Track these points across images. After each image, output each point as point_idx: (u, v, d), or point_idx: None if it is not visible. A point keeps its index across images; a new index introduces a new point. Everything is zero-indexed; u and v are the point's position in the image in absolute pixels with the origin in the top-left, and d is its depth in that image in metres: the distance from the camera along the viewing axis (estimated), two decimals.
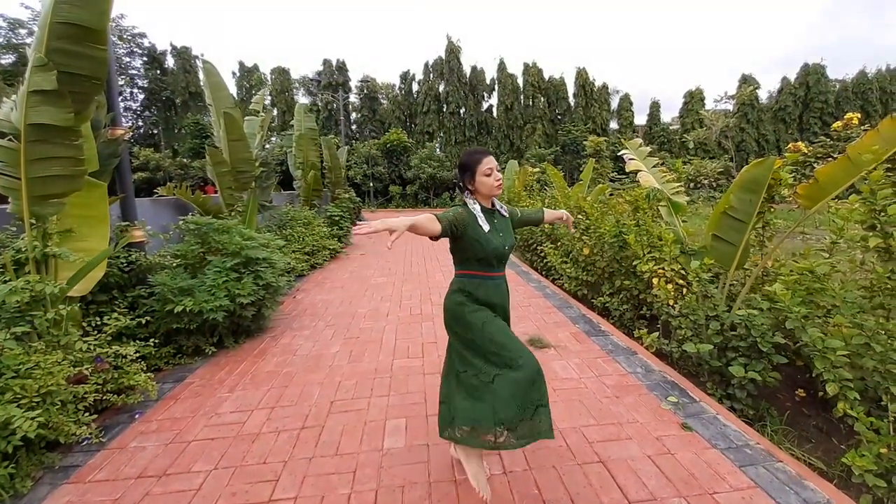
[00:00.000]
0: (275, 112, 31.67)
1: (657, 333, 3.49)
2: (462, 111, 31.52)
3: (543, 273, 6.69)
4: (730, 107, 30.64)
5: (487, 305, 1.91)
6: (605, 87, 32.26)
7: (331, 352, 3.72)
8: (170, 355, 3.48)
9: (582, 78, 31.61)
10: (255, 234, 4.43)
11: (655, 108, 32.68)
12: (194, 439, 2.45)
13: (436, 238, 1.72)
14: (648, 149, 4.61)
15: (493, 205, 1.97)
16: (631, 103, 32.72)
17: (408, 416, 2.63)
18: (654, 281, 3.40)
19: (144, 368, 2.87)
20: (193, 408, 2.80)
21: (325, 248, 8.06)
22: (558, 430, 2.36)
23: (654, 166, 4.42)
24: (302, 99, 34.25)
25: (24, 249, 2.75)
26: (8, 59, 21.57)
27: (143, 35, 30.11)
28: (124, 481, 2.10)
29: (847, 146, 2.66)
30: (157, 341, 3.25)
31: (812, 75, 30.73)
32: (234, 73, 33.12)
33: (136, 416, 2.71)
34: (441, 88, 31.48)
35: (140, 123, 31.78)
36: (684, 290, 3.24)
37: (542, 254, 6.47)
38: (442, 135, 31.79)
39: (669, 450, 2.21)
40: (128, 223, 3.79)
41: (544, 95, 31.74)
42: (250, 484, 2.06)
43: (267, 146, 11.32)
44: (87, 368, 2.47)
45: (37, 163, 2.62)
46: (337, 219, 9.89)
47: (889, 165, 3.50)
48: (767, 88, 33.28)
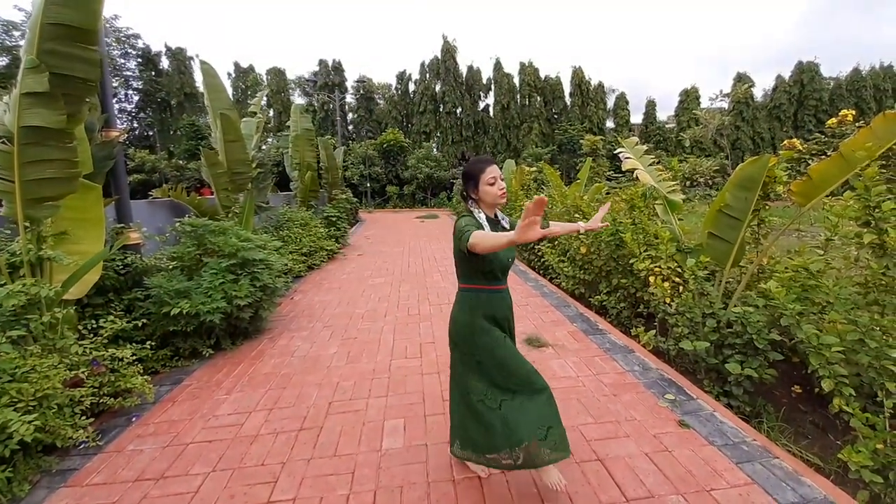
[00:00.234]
0: (271, 113, 31.56)
1: (654, 331, 3.50)
2: (459, 111, 31.47)
3: (541, 272, 6.70)
4: (725, 105, 30.74)
5: (496, 320, 1.88)
6: (600, 85, 32.29)
7: (329, 353, 3.72)
8: (167, 358, 3.46)
9: (578, 77, 31.62)
10: (252, 235, 4.42)
11: (651, 106, 32.74)
12: (192, 442, 2.44)
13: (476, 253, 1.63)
14: (644, 147, 4.62)
15: (496, 216, 1.95)
16: (627, 102, 32.76)
17: (406, 416, 2.63)
18: (651, 279, 3.41)
19: (141, 371, 2.86)
20: (191, 410, 2.79)
21: (323, 249, 8.05)
22: None
23: (651, 165, 4.43)
24: (298, 99, 34.14)
25: (18, 252, 2.73)
26: (2, 62, 21.42)
27: (137, 36, 29.90)
28: (122, 484, 2.09)
29: (841, 143, 2.68)
30: (153, 344, 3.24)
31: (806, 73, 30.87)
32: (229, 74, 32.95)
33: (134, 419, 2.70)
34: (437, 88, 31.42)
35: (135, 125, 31.57)
36: (681, 288, 3.26)
37: (540, 253, 6.48)
38: (439, 135, 31.74)
39: (667, 447, 2.22)
40: (123, 225, 3.77)
41: (541, 95, 31.72)
42: (249, 486, 2.06)
43: (263, 147, 11.29)
44: (83, 372, 2.46)
45: (30, 165, 2.60)
46: (334, 219, 9.87)
47: (883, 162, 3.53)
48: (762, 87, 33.33)
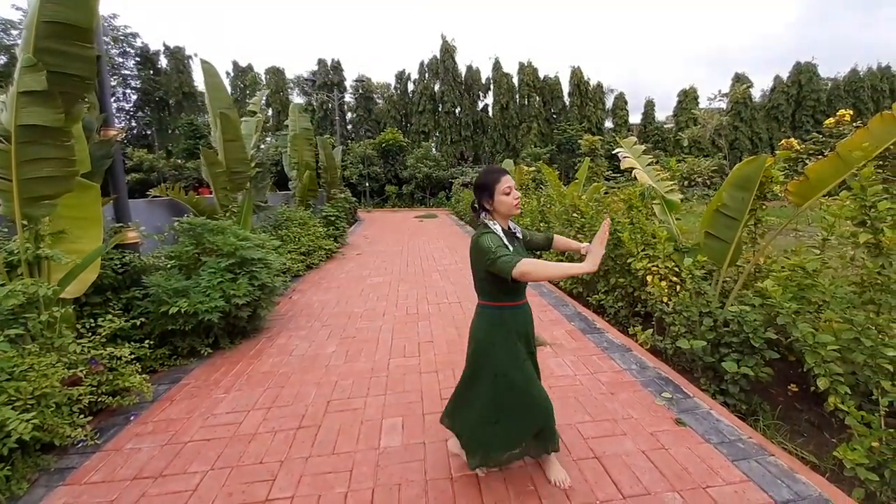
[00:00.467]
0: (269, 112, 31.49)
1: (651, 330, 3.51)
2: (458, 111, 31.47)
3: None
4: (723, 105, 30.81)
5: (517, 335, 1.86)
6: (599, 86, 32.32)
7: (327, 352, 3.72)
8: (165, 357, 3.46)
9: (576, 77, 31.64)
10: (250, 234, 4.42)
11: (650, 106, 32.78)
12: (190, 440, 2.44)
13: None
14: (643, 147, 4.63)
15: (509, 227, 1.91)
16: (625, 102, 32.79)
17: (404, 414, 2.64)
18: (649, 278, 3.43)
19: (139, 370, 2.87)
20: (189, 409, 2.80)
21: (321, 249, 8.05)
22: None
23: (649, 164, 4.44)
24: (297, 99, 34.03)
25: (16, 251, 2.73)
26: (0, 60, 21.36)
27: (135, 35, 29.84)
28: (120, 483, 2.09)
29: (838, 143, 2.69)
30: (151, 343, 3.24)
31: (804, 74, 30.94)
32: (228, 73, 32.85)
33: (132, 417, 2.70)
34: (436, 88, 31.41)
35: (133, 124, 31.49)
36: (678, 287, 3.27)
37: (538, 253, 6.49)
38: (438, 134, 31.73)
39: (663, 445, 2.23)
40: (121, 224, 3.77)
41: (539, 95, 31.74)
42: (247, 484, 2.06)
43: (262, 146, 11.28)
44: (81, 370, 2.46)
45: (28, 164, 2.60)
46: (333, 219, 9.87)
47: (879, 162, 3.54)
48: (760, 87, 33.31)
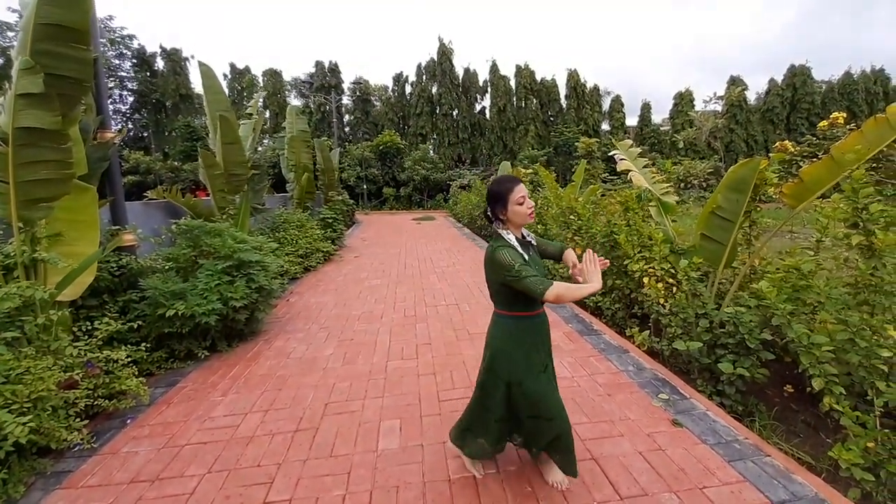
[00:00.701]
0: (267, 114, 31.47)
1: (648, 332, 3.53)
2: (455, 113, 31.56)
3: None
4: (719, 108, 31.04)
5: (534, 345, 1.84)
6: (596, 88, 32.47)
7: (325, 354, 3.72)
8: (162, 359, 3.45)
9: (573, 80, 31.78)
10: (248, 236, 4.42)
11: (646, 109, 32.93)
12: (187, 443, 2.44)
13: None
14: (638, 149, 4.66)
15: (523, 235, 1.89)
16: (622, 105, 32.93)
17: (402, 417, 2.64)
18: (645, 280, 3.44)
19: (136, 373, 2.85)
20: (186, 412, 2.79)
21: (319, 251, 8.04)
22: None
23: (645, 167, 4.47)
24: (294, 101, 34.02)
25: (12, 254, 2.72)
26: None
27: (132, 37, 29.79)
28: (117, 486, 2.08)
29: (832, 146, 2.72)
30: (148, 346, 3.23)
31: (798, 77, 31.19)
32: (225, 76, 32.80)
33: (128, 421, 2.69)
34: (434, 90, 31.49)
35: (130, 126, 31.40)
36: (674, 289, 3.29)
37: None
38: (435, 136, 31.78)
39: (660, 446, 2.24)
40: (118, 227, 3.76)
41: (536, 97, 31.86)
42: (244, 487, 2.06)
43: (259, 148, 11.29)
44: (77, 373, 2.45)
45: (25, 166, 2.60)
46: (330, 221, 9.86)
47: (873, 165, 3.58)
48: (755, 90, 33.56)
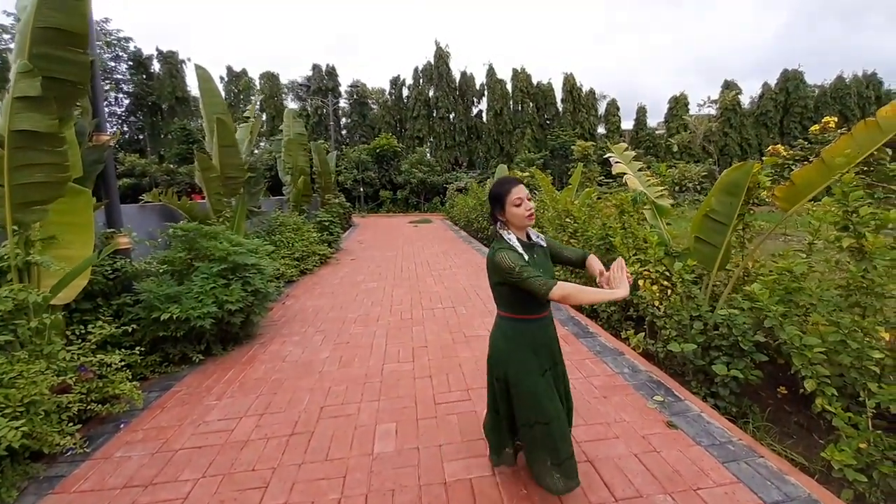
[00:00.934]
0: (263, 117, 31.46)
1: (643, 334, 3.54)
2: (452, 116, 31.68)
3: None
4: (712, 111, 31.33)
5: (535, 349, 1.82)
6: (592, 92, 32.68)
7: (321, 357, 3.71)
8: (156, 363, 3.43)
9: (569, 83, 31.99)
10: (244, 239, 4.41)
11: (642, 112, 33.18)
12: (181, 448, 2.42)
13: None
14: (633, 153, 4.70)
15: (528, 236, 1.87)
16: (618, 108, 33.16)
17: (398, 420, 2.64)
18: (640, 282, 3.46)
19: (130, 377, 2.84)
20: (180, 416, 2.77)
21: (316, 254, 8.03)
22: None
23: (640, 170, 4.50)
24: (291, 104, 34.07)
25: (5, 257, 2.70)
26: None
27: (128, 39, 29.73)
28: (110, 491, 2.07)
29: (822, 150, 2.75)
30: (142, 349, 3.21)
31: (791, 81, 31.57)
32: (222, 78, 32.79)
33: (122, 425, 2.67)
34: (431, 94, 31.62)
35: (125, 129, 31.26)
36: (669, 292, 3.31)
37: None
38: (432, 140, 31.87)
39: (655, 448, 2.25)
40: (113, 230, 3.75)
41: (533, 101, 32.04)
42: (239, 491, 2.05)
43: (255, 151, 11.28)
44: (70, 378, 2.44)
45: (20, 169, 2.59)
46: (327, 224, 9.85)
47: (864, 168, 3.62)
48: (749, 94, 33.91)
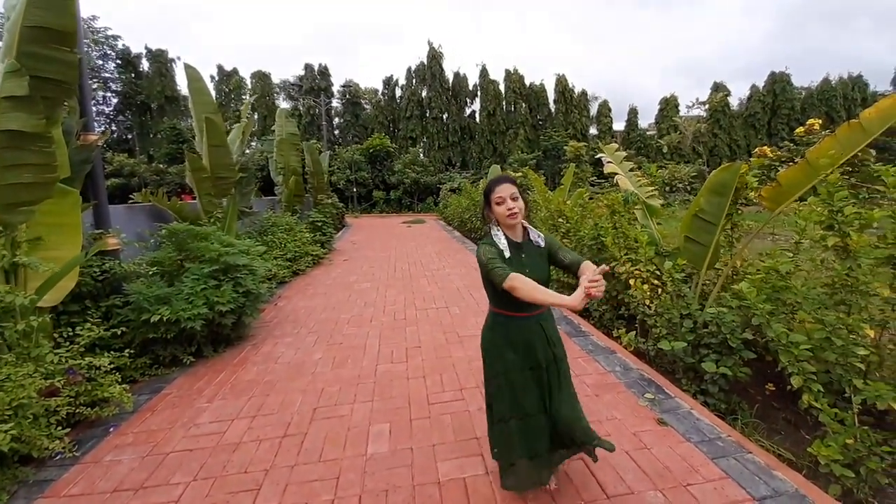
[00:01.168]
0: (255, 117, 31.19)
1: (635, 332, 3.58)
2: (445, 116, 31.69)
3: None
4: (701, 112, 31.73)
5: (518, 347, 1.79)
6: (584, 93, 32.90)
7: (313, 359, 3.70)
8: (146, 366, 3.39)
9: (561, 85, 32.18)
10: (235, 240, 4.37)
11: (633, 114, 33.43)
12: (172, 451, 2.40)
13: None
14: (624, 153, 4.75)
15: (526, 235, 1.81)
16: (609, 109, 33.38)
17: (392, 420, 2.64)
18: (631, 282, 3.50)
19: (119, 380, 2.80)
20: (171, 419, 2.75)
21: (308, 254, 7.98)
22: None
23: (631, 170, 4.55)
24: (283, 103, 33.79)
25: None
26: None
27: (116, 37, 29.33)
28: (100, 495, 2.05)
29: (807, 151, 2.80)
30: (132, 352, 3.17)
31: (778, 83, 32.07)
32: (212, 77, 32.48)
33: (111, 429, 2.64)
34: (424, 94, 31.59)
35: (113, 128, 30.83)
36: (659, 290, 3.35)
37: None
38: (425, 140, 31.85)
39: (646, 445, 2.28)
40: (101, 231, 3.69)
41: (526, 101, 32.17)
42: (231, 494, 2.03)
43: (247, 151, 11.20)
44: (59, 381, 2.40)
45: (6, 170, 2.55)
46: (320, 224, 9.81)
47: (848, 168, 3.69)
48: (738, 96, 34.39)
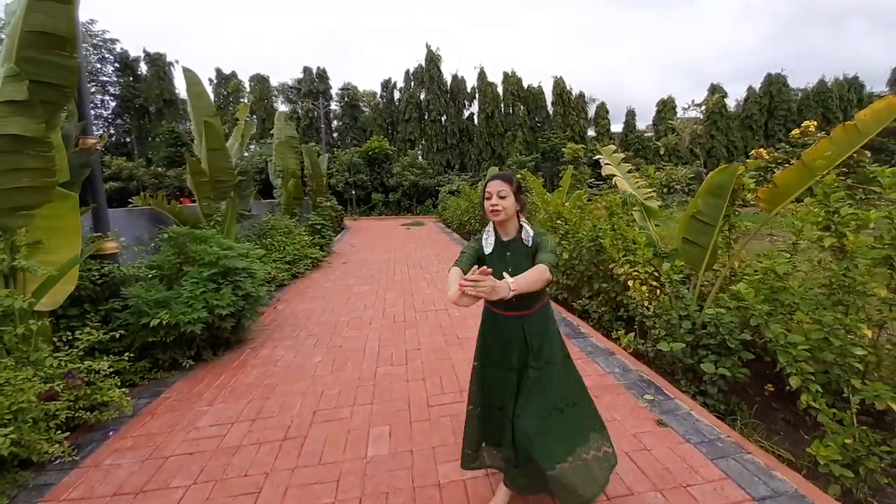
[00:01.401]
0: (254, 119, 31.23)
1: (634, 334, 3.59)
2: (443, 119, 31.78)
3: None
4: (697, 114, 31.90)
5: (494, 343, 1.81)
6: (581, 95, 33.05)
7: (313, 361, 3.69)
8: (145, 370, 3.39)
9: (559, 87, 32.33)
10: (234, 243, 4.37)
11: (631, 116, 33.60)
12: (172, 454, 2.40)
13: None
14: (622, 155, 4.77)
15: (518, 233, 1.75)
16: (607, 111, 33.55)
17: (392, 423, 2.64)
18: (630, 283, 3.51)
19: (119, 384, 2.80)
20: (171, 423, 2.74)
21: (307, 257, 7.98)
22: None
23: (629, 172, 4.57)
24: (281, 107, 33.89)
25: None
26: None
27: (114, 41, 29.39)
28: (100, 499, 2.04)
29: (803, 153, 2.82)
30: (131, 355, 3.17)
31: (774, 85, 32.29)
32: (211, 81, 32.54)
33: (111, 433, 2.64)
34: (422, 96, 31.70)
35: (112, 131, 30.85)
36: (658, 292, 3.36)
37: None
38: (424, 142, 31.93)
39: (646, 446, 2.29)
40: (100, 234, 3.69)
41: (524, 104, 32.31)
42: (231, 497, 2.03)
43: (246, 154, 11.21)
44: (58, 385, 2.39)
45: (6, 174, 2.55)
46: (318, 227, 9.81)
47: (844, 170, 3.72)
48: (735, 97, 34.60)
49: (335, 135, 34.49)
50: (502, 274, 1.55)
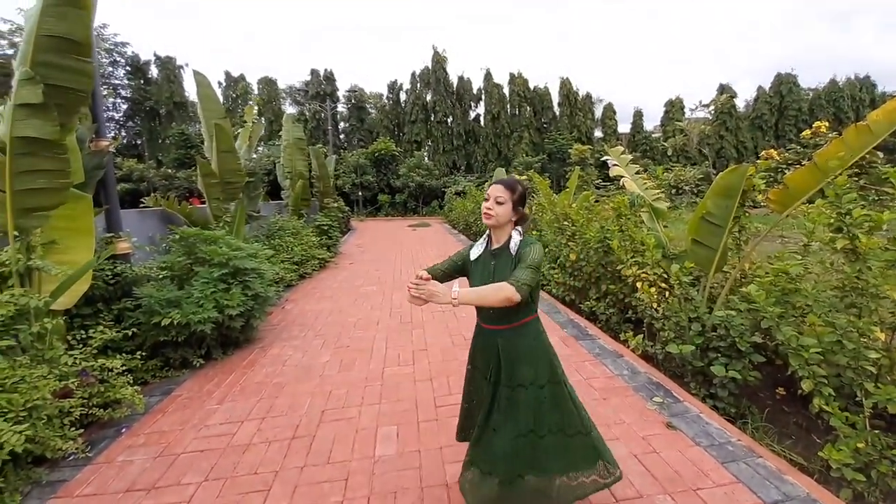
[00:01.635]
0: (262, 121, 31.52)
1: (642, 336, 3.57)
2: (450, 120, 31.79)
3: None
4: (704, 114, 31.60)
5: (476, 356, 1.82)
6: (588, 96, 32.90)
7: (321, 361, 3.72)
8: (157, 368, 3.44)
9: (566, 88, 32.20)
10: (243, 244, 4.42)
11: (638, 116, 33.37)
12: (183, 452, 2.43)
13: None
14: (630, 156, 4.75)
15: (508, 241, 1.67)
16: (614, 112, 33.37)
17: (399, 423, 2.65)
18: (638, 285, 3.49)
19: (131, 382, 2.84)
20: (182, 420, 2.78)
21: (315, 258, 8.03)
22: None
23: (637, 173, 4.55)
24: (289, 109, 34.15)
25: (7, 263, 2.71)
26: None
27: (125, 44, 29.85)
28: (112, 495, 2.07)
29: (815, 153, 2.79)
30: (143, 354, 3.23)
31: (785, 84, 31.88)
32: (220, 83, 32.89)
33: (123, 430, 2.68)
34: (428, 98, 31.73)
35: (123, 134, 31.32)
36: (667, 294, 3.34)
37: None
38: (430, 144, 31.96)
39: (655, 449, 2.27)
40: (113, 235, 3.75)
41: (530, 105, 32.22)
42: (241, 494, 2.05)
43: (254, 155, 11.32)
44: (72, 382, 2.44)
45: (22, 175, 2.60)
46: (326, 228, 9.88)
47: (856, 171, 3.66)
48: (744, 97, 34.27)
49: (342, 136, 34.66)
50: (487, 282, 1.60)
